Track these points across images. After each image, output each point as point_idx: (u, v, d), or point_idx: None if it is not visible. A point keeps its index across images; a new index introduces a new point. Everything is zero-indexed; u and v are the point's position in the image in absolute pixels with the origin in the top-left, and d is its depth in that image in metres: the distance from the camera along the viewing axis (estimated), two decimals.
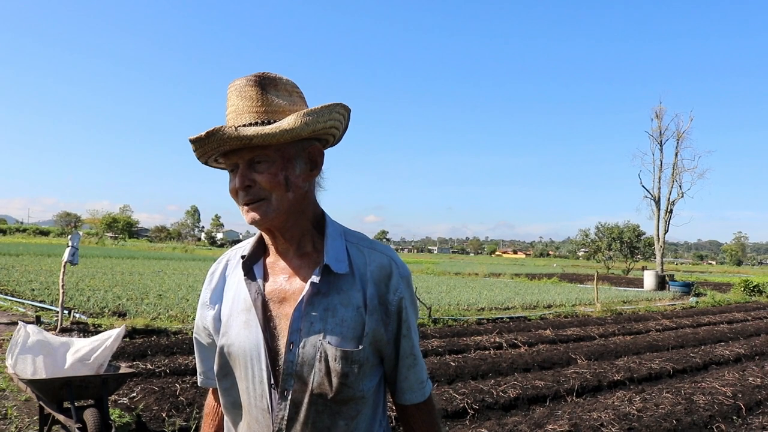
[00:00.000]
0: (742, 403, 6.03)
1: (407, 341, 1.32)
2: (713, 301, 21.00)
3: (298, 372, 1.22)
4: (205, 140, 1.21)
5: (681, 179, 37.09)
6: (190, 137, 1.23)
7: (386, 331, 1.29)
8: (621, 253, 52.11)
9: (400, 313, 1.30)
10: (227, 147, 1.21)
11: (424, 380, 1.37)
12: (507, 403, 5.90)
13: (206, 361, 1.43)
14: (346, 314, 1.24)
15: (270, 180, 1.22)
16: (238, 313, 1.29)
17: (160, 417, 4.98)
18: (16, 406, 5.16)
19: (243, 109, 1.24)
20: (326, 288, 1.25)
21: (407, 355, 1.33)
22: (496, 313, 13.79)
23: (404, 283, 1.32)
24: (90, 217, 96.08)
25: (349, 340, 1.23)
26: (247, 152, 1.22)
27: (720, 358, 8.92)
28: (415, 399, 1.35)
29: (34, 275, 16.67)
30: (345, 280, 1.27)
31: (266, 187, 1.23)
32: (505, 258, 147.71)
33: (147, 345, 7.64)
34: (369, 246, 1.34)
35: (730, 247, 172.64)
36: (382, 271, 1.29)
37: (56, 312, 8.99)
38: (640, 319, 14.10)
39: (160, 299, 12.45)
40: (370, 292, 1.27)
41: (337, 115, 1.28)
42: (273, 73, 1.28)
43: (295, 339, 1.22)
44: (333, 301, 1.24)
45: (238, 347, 1.27)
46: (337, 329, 1.23)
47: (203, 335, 1.40)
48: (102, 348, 4.20)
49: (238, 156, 1.23)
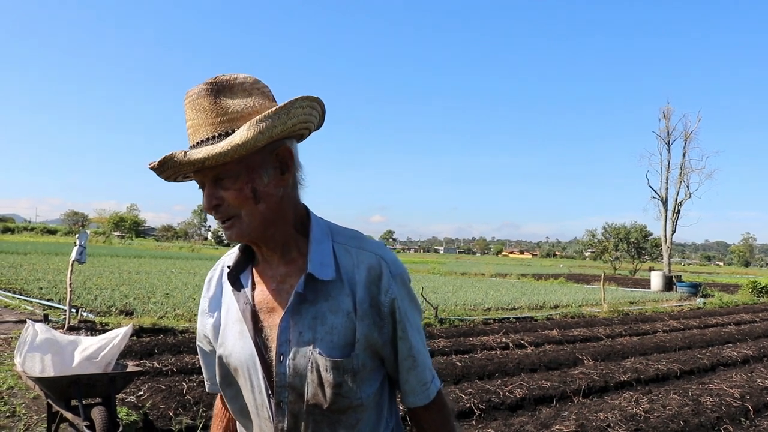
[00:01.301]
0: (749, 405, 6.00)
1: (404, 343, 1.25)
2: (721, 302, 20.91)
3: (292, 384, 1.18)
4: (161, 169, 1.14)
5: (689, 180, 36.94)
6: (148, 164, 1.16)
7: (381, 334, 1.22)
8: (628, 254, 51.99)
9: (393, 314, 1.22)
10: (185, 171, 1.15)
11: (427, 381, 1.30)
12: (513, 403, 5.88)
13: (211, 368, 1.38)
14: (336, 321, 1.18)
15: (236, 196, 1.15)
16: (233, 323, 1.26)
17: (167, 415, 5.00)
18: (24, 404, 5.19)
19: (198, 123, 1.16)
20: (313, 296, 1.19)
21: (405, 357, 1.26)
22: (502, 314, 13.79)
23: (397, 282, 1.23)
24: (97, 216, 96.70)
25: (341, 347, 1.18)
26: (209, 170, 1.14)
27: (727, 359, 8.86)
28: (419, 401, 1.29)
29: (41, 274, 16.78)
30: (333, 285, 1.20)
31: (234, 204, 1.15)
32: (511, 258, 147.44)
33: (154, 344, 7.68)
34: (357, 246, 1.25)
35: (737, 248, 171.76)
36: (372, 273, 1.21)
37: (64, 310, 9.03)
38: (647, 320, 14.04)
39: (167, 298, 12.51)
40: (360, 295, 1.20)
41: (299, 111, 1.17)
42: (227, 75, 1.19)
43: (284, 350, 1.18)
44: (321, 309, 1.19)
45: (235, 358, 1.24)
46: (327, 337, 1.18)
47: (205, 343, 1.37)
48: (109, 346, 4.21)
49: (202, 174, 1.16)
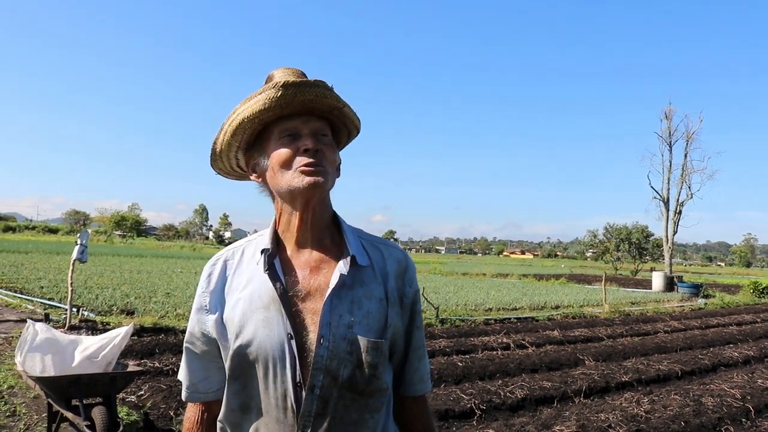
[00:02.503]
0: (750, 406, 5.99)
1: (419, 332, 1.36)
2: (722, 302, 20.86)
3: (328, 366, 1.19)
4: (309, 87, 1.18)
5: (690, 180, 36.81)
6: (284, 81, 1.17)
7: (402, 323, 1.31)
8: (629, 254, 51.83)
9: (414, 305, 1.34)
10: (318, 105, 1.21)
11: (429, 371, 1.41)
12: (514, 403, 5.87)
13: (196, 373, 1.33)
14: (371, 307, 1.25)
15: (332, 157, 1.24)
16: (255, 311, 1.23)
17: (167, 415, 5.00)
18: (24, 404, 5.19)
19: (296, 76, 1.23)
20: (351, 281, 1.25)
21: (419, 346, 1.36)
22: (503, 314, 13.76)
23: (416, 278, 1.38)
24: (99, 215, 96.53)
25: (375, 331, 1.24)
26: (316, 121, 1.23)
27: (729, 360, 8.84)
28: (424, 390, 1.38)
29: (42, 273, 16.80)
30: (366, 273, 1.27)
31: (330, 160, 1.24)
32: (512, 258, 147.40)
33: (155, 343, 7.67)
34: (382, 242, 1.37)
35: (739, 249, 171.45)
36: (400, 265, 1.33)
37: (65, 310, 9.03)
38: (649, 321, 14.02)
39: (168, 297, 12.51)
40: (391, 285, 1.29)
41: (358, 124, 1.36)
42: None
43: (325, 333, 1.20)
44: (358, 294, 1.24)
45: (257, 346, 1.21)
46: (364, 321, 1.23)
47: (198, 343, 1.31)
48: (110, 346, 4.21)
49: (303, 122, 1.23)
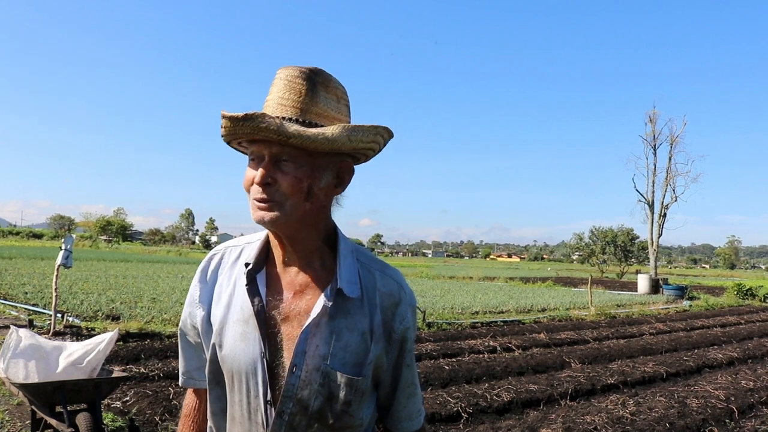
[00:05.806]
0: (734, 407, 6.06)
1: (409, 370, 1.29)
2: (706, 304, 21.11)
3: (299, 396, 1.16)
4: (240, 122, 1.09)
5: (675, 183, 37.17)
6: (224, 113, 1.11)
7: (387, 359, 1.25)
8: (615, 257, 52.30)
9: (403, 343, 1.26)
10: (261, 136, 1.10)
11: (421, 409, 1.35)
12: (501, 407, 5.90)
13: (191, 360, 1.35)
14: (351, 339, 1.18)
15: (292, 184, 1.13)
16: (234, 323, 1.21)
17: (153, 421, 4.96)
18: (8, 411, 5.14)
19: (287, 102, 1.14)
20: (334, 311, 1.18)
21: (408, 384, 1.30)
22: (490, 317, 13.81)
23: (410, 312, 1.28)
24: (84, 220, 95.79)
25: (351, 365, 1.18)
26: (277, 147, 1.12)
27: (713, 361, 8.95)
28: (411, 428, 1.33)
29: (27, 278, 16.62)
30: (353, 304, 1.20)
31: (286, 191, 1.13)
32: (499, 262, 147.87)
33: (140, 349, 7.61)
34: (380, 269, 1.27)
35: (723, 251, 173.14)
36: (391, 299, 1.24)
37: (49, 315, 8.94)
38: (634, 323, 14.15)
39: (154, 303, 12.40)
40: (378, 319, 1.22)
41: (379, 138, 1.20)
42: (328, 73, 1.19)
43: (299, 362, 1.16)
44: (339, 325, 1.18)
45: (233, 359, 1.20)
46: (340, 354, 1.17)
47: (191, 333, 1.32)
48: (95, 352, 4.17)
49: (266, 147, 1.13)
